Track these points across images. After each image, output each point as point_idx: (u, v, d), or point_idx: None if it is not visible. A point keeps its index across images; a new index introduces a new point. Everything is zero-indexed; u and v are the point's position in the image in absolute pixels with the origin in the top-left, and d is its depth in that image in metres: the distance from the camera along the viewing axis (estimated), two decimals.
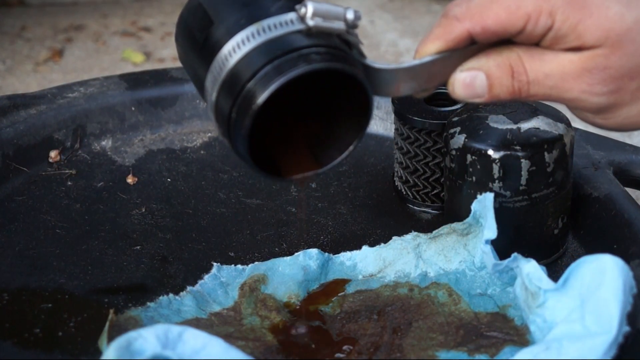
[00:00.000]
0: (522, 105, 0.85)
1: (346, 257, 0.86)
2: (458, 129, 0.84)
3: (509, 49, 0.73)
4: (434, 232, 0.85)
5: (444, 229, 0.84)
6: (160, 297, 0.82)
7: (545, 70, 0.73)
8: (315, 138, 0.76)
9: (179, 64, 1.60)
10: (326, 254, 0.86)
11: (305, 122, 0.76)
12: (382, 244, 0.86)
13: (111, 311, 0.78)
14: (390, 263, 0.85)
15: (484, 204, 0.80)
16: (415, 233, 0.85)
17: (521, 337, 0.77)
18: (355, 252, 0.86)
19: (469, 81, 0.73)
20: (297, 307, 0.82)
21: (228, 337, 0.77)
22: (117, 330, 0.75)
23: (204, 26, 0.70)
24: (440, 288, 0.82)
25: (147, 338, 0.70)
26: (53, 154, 0.99)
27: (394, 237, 0.86)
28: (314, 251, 0.85)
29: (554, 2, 0.71)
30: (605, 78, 0.72)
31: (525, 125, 0.83)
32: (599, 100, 0.73)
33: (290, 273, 0.84)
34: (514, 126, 0.83)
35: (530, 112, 0.84)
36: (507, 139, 0.82)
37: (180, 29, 0.73)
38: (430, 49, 0.73)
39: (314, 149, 0.76)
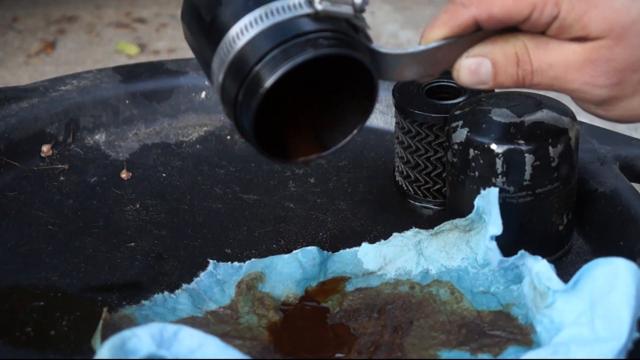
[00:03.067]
0: (526, 98, 0.85)
1: (346, 255, 0.86)
2: (460, 122, 0.84)
3: (515, 37, 0.74)
4: (436, 228, 0.85)
5: (446, 225, 0.84)
6: (155, 295, 0.82)
7: (549, 60, 0.73)
8: (320, 121, 0.77)
9: (174, 56, 1.60)
10: (325, 252, 0.86)
11: (311, 104, 0.78)
12: (382, 241, 0.86)
13: (105, 310, 0.78)
14: (391, 260, 0.85)
15: (488, 199, 0.80)
16: (416, 229, 0.85)
17: (525, 336, 0.77)
18: (354, 249, 0.86)
19: (475, 68, 0.75)
20: (296, 306, 0.81)
21: (224, 336, 0.77)
22: (111, 329, 0.75)
23: (211, 6, 0.71)
24: (442, 286, 0.82)
25: (141, 337, 0.69)
26: (45, 148, 0.99)
27: (395, 234, 0.86)
28: (312, 249, 0.85)
29: None
30: (608, 70, 0.73)
31: (529, 119, 0.83)
32: (600, 92, 0.74)
33: (289, 271, 0.84)
34: (518, 120, 0.83)
35: (534, 105, 0.84)
36: (510, 133, 0.82)
37: (186, 7, 0.74)
38: (437, 34, 0.74)
39: (318, 132, 0.77)
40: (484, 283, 0.82)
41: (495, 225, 0.79)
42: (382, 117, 1.02)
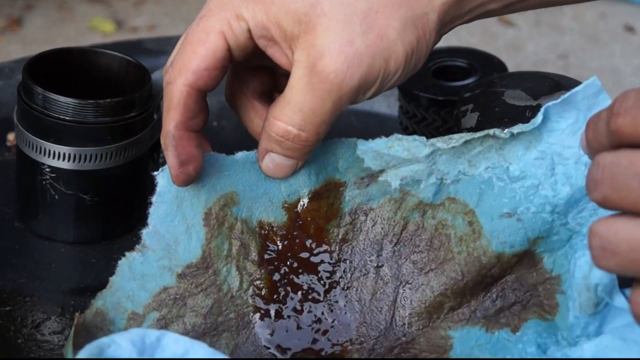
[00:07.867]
0: (542, 78, 0.85)
1: (342, 147, 0.78)
2: (470, 106, 0.84)
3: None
4: (458, 138, 0.75)
5: (478, 134, 0.75)
6: (120, 262, 0.78)
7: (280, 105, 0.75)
8: None
9: (154, 34, 1.59)
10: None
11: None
12: (382, 144, 0.77)
13: (77, 315, 0.77)
14: (395, 166, 0.78)
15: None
16: (430, 141, 0.76)
17: (550, 298, 0.76)
18: (352, 141, 0.79)
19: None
20: (283, 249, 0.79)
21: (209, 317, 0.78)
22: (84, 334, 0.75)
23: None
24: (459, 211, 0.77)
25: (121, 344, 0.69)
26: (11, 137, 0.98)
27: (396, 138, 0.77)
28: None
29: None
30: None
31: (546, 102, 0.82)
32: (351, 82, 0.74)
33: (267, 185, 0.78)
34: (534, 102, 0.82)
35: (551, 86, 0.84)
36: (526, 117, 0.81)
37: None
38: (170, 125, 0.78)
39: None
40: (510, 202, 0.76)
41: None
42: (385, 100, 1.02)
